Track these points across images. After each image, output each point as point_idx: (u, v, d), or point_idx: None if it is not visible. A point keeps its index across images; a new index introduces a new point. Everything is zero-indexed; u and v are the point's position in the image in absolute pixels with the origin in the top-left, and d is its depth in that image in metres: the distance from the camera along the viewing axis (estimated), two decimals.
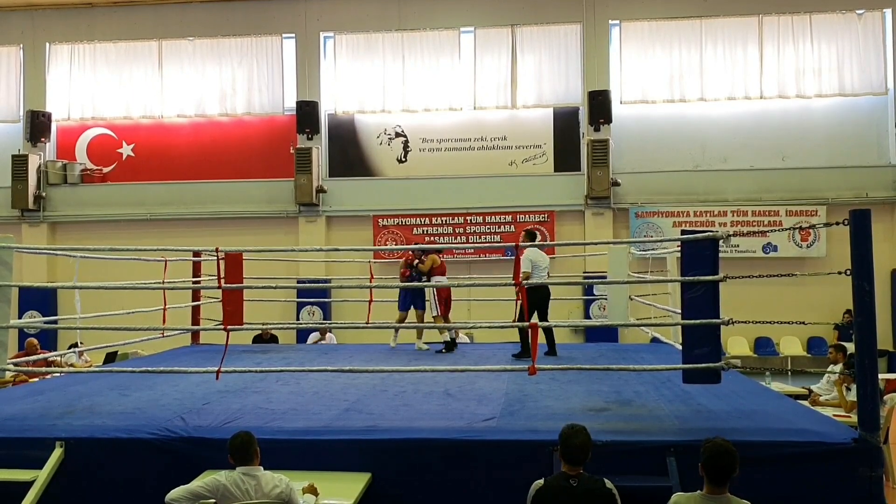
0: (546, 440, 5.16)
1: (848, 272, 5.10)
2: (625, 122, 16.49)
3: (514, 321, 9.24)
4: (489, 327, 8.74)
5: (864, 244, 5.06)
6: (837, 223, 5.24)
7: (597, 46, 16.64)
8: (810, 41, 16.29)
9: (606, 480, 4.45)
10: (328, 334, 12.75)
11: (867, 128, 16.24)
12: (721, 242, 5.67)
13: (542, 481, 4.48)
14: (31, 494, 5.09)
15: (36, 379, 9.17)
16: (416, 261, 10.26)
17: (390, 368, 8.03)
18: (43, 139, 17.50)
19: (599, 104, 16.14)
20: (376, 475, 5.20)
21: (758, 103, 16.43)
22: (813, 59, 16.27)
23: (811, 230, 15.54)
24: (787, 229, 15.53)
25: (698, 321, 5.55)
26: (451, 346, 10.41)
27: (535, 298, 9.15)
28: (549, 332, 9.42)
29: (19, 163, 17.12)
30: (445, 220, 16.59)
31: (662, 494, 4.51)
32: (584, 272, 15.01)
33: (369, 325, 9.73)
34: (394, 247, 16.04)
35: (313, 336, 12.85)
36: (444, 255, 15.51)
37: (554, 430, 5.19)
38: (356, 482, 5.04)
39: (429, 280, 9.91)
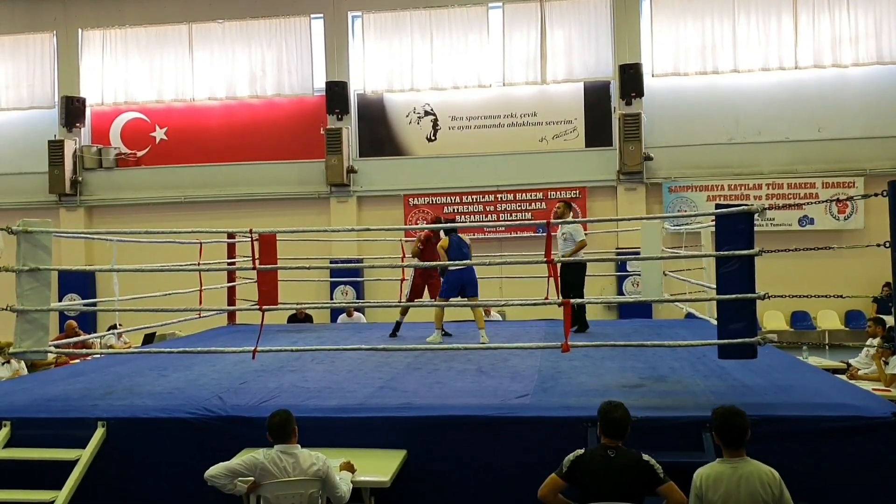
0: (580, 416, 5.16)
1: (887, 244, 5.02)
2: (657, 96, 16.27)
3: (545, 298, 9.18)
4: (521, 305, 8.74)
5: None
6: (876, 194, 5.16)
7: (627, 19, 16.42)
8: (846, 8, 15.92)
9: (643, 454, 4.47)
10: (355, 313, 12.84)
11: None
12: (756, 216, 5.59)
13: (581, 450, 4.56)
14: (76, 472, 5.24)
15: (77, 360, 9.37)
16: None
17: (423, 346, 8.08)
18: (78, 124, 17.75)
19: (631, 77, 15.94)
20: (411, 452, 5.24)
21: (792, 73, 16.12)
22: (849, 27, 15.91)
23: (848, 202, 15.27)
24: (823, 201, 15.27)
25: (733, 296, 5.49)
26: None
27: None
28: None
29: (55, 148, 17.40)
30: (476, 198, 16.57)
31: None
32: (617, 248, 14.89)
33: (403, 304, 9.72)
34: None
35: (342, 317, 12.97)
36: (474, 233, 15.75)
37: (588, 406, 5.20)
38: (392, 459, 5.10)
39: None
